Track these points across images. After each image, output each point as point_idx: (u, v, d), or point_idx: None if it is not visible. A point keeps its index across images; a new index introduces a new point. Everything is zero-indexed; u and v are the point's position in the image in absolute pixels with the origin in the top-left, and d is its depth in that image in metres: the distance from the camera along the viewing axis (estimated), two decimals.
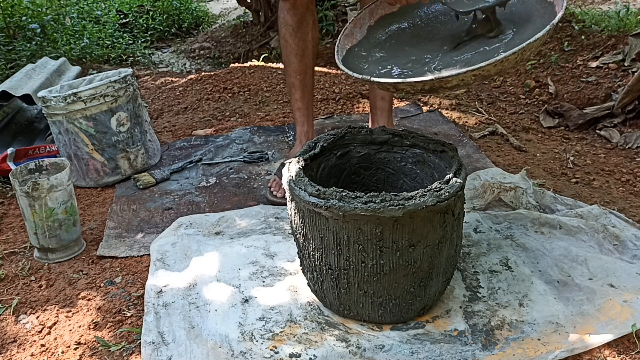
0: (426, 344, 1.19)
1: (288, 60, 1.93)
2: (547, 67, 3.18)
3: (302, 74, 1.92)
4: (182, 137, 2.42)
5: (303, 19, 1.85)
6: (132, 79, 2.06)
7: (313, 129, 2.02)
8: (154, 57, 4.44)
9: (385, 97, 1.94)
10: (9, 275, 1.53)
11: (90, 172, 2.00)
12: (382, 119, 1.95)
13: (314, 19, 1.90)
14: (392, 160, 1.48)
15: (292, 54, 1.90)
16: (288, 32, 1.87)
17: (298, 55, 1.90)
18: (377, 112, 1.97)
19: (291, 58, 1.91)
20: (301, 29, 1.87)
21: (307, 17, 1.86)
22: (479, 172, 1.83)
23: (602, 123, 2.56)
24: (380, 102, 1.95)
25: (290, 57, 1.91)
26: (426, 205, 1.11)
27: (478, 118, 2.48)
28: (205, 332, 1.24)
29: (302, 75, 1.93)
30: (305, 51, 1.90)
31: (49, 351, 1.26)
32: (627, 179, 2.06)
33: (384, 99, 1.94)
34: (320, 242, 1.20)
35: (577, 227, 1.55)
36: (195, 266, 1.48)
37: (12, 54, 3.49)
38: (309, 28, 1.88)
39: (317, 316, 1.29)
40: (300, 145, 1.99)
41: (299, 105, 1.97)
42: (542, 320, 1.24)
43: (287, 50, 1.91)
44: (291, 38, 1.88)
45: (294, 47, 1.89)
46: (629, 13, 3.51)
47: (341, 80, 2.94)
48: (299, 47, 1.88)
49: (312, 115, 2.01)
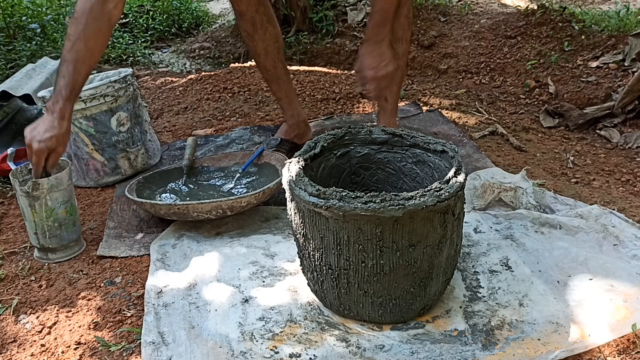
0: (426, 344, 1.19)
1: (255, 60, 2.11)
2: (547, 67, 3.18)
3: (272, 68, 2.07)
4: (182, 137, 2.42)
5: (254, 22, 1.96)
6: (132, 79, 2.06)
7: (299, 110, 2.17)
8: (154, 57, 4.43)
9: (388, 97, 1.99)
10: (9, 275, 1.53)
11: (90, 172, 2.00)
12: (384, 118, 2.02)
13: (268, 17, 1.99)
14: (392, 160, 1.48)
15: (255, 55, 2.06)
16: (246, 37, 2.03)
17: (261, 55, 2.04)
18: (380, 111, 2.05)
19: (256, 58, 2.08)
20: (256, 32, 1.98)
21: (258, 19, 1.96)
22: (479, 172, 1.83)
23: (602, 123, 2.56)
24: (383, 102, 2.01)
25: (255, 58, 2.09)
26: (426, 205, 1.11)
27: (478, 118, 2.48)
28: (205, 332, 1.24)
29: (272, 69, 2.07)
30: (267, 49, 2.02)
31: (49, 351, 1.26)
32: (627, 179, 2.06)
33: (386, 99, 1.99)
34: (320, 242, 1.20)
35: (577, 227, 1.55)
36: (195, 266, 1.48)
37: (12, 54, 3.49)
38: (264, 28, 1.98)
39: (317, 316, 1.29)
40: (287, 124, 2.16)
41: (278, 95, 2.15)
42: (542, 320, 1.24)
43: (251, 53, 2.09)
44: (250, 42, 2.02)
45: (255, 49, 2.03)
46: (629, 13, 3.51)
47: (341, 80, 2.94)
48: (259, 48, 2.02)
49: (295, 100, 2.17)
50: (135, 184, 1.83)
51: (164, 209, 1.63)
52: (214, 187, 1.91)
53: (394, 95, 2.01)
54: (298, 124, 2.16)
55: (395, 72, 1.68)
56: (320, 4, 4.24)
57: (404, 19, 1.89)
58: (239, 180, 1.90)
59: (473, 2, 4.31)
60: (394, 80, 1.78)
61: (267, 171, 1.90)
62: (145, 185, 1.87)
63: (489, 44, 3.59)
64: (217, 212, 1.61)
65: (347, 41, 3.97)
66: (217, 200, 1.59)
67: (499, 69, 3.35)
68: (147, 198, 1.79)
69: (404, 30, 1.91)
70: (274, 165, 1.90)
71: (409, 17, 1.91)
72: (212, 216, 1.61)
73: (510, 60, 3.37)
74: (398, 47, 1.90)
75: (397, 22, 1.85)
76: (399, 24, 1.87)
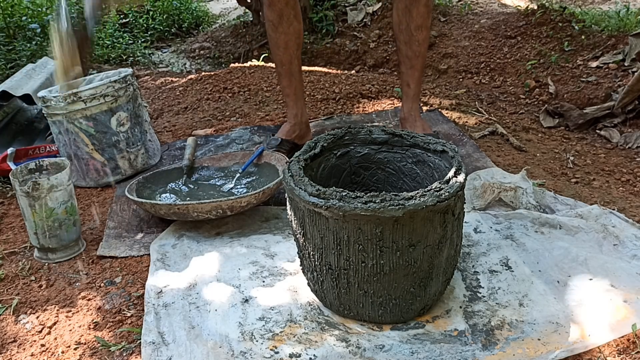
0: (426, 344, 1.19)
1: (273, 52, 2.09)
2: (547, 67, 3.18)
3: (288, 64, 2.07)
4: (182, 137, 2.42)
5: (282, 14, 1.96)
6: (132, 79, 2.06)
7: (303, 111, 2.17)
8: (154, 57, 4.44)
9: (410, 84, 2.08)
10: (9, 275, 1.53)
11: (90, 172, 2.00)
12: (407, 103, 2.12)
13: (295, 13, 1.99)
14: (392, 160, 1.48)
15: (275, 46, 2.04)
16: (270, 27, 2.01)
17: (281, 47, 2.03)
18: (403, 97, 2.15)
19: (275, 50, 2.06)
20: (282, 24, 1.98)
21: (286, 12, 1.96)
22: (479, 172, 1.83)
23: (602, 123, 2.56)
24: (405, 88, 2.11)
25: (274, 50, 2.07)
26: (426, 205, 1.11)
27: (478, 118, 2.48)
28: (205, 332, 1.24)
29: (288, 65, 2.07)
30: (288, 43, 2.02)
31: (49, 351, 1.26)
32: (627, 179, 2.06)
33: (409, 85, 2.09)
34: (320, 242, 1.20)
35: (577, 227, 1.54)
36: (195, 266, 1.48)
37: (12, 54, 3.49)
38: (289, 22, 1.98)
39: (317, 316, 1.29)
40: (289, 124, 2.17)
41: (287, 92, 2.14)
42: (542, 320, 1.24)
43: (271, 43, 2.06)
44: (273, 32, 2.01)
45: (276, 40, 2.02)
46: (629, 13, 3.51)
47: (341, 80, 2.94)
48: (281, 40, 2.01)
49: (302, 99, 2.17)
50: (135, 184, 1.83)
51: (164, 209, 1.63)
52: (214, 187, 1.91)
53: (416, 80, 2.08)
54: (300, 125, 2.16)
55: None
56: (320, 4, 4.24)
57: (423, 7, 1.93)
58: (239, 180, 1.90)
59: (473, 2, 4.31)
60: None
61: (267, 171, 1.90)
62: (145, 185, 1.87)
63: (489, 44, 3.60)
64: (217, 212, 1.61)
65: (347, 41, 3.97)
66: (217, 200, 1.59)
67: (499, 69, 3.35)
68: (147, 198, 1.79)
69: (424, 18, 1.95)
70: (274, 165, 1.90)
71: (428, 6, 1.95)
72: (212, 216, 1.61)
73: (510, 60, 3.37)
74: (418, 35, 1.97)
75: (416, 9, 1.92)
76: (419, 12, 1.93)
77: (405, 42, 2.00)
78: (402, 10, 1.95)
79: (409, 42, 1.99)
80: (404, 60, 2.04)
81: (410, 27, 1.96)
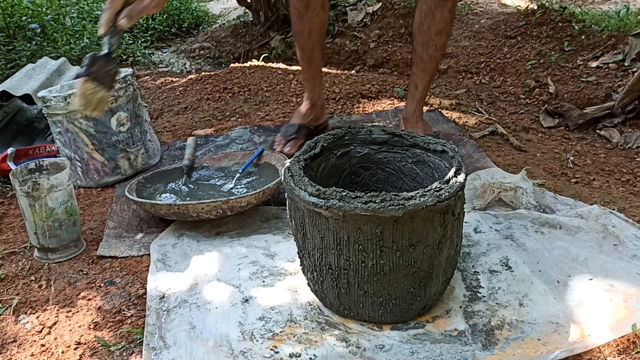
0: (426, 344, 1.19)
1: (296, 38, 2.10)
2: (547, 67, 3.18)
3: (309, 50, 2.09)
4: (182, 137, 2.42)
5: (309, 3, 1.96)
6: (132, 79, 2.06)
7: (320, 94, 2.21)
8: (154, 57, 4.43)
9: (419, 86, 2.08)
10: (9, 275, 1.53)
11: (90, 172, 2.00)
12: (412, 103, 2.12)
13: (323, 3, 1.99)
14: (392, 160, 1.48)
15: (299, 34, 2.06)
16: (295, 14, 2.01)
17: (304, 36, 2.04)
18: (409, 97, 2.15)
19: (298, 37, 2.07)
20: (307, 13, 1.97)
21: (313, 2, 1.96)
22: (479, 172, 1.83)
23: (602, 123, 2.56)
24: (413, 90, 2.11)
25: (297, 36, 2.08)
26: (426, 205, 1.11)
27: (478, 118, 2.48)
28: (206, 332, 1.24)
29: (309, 52, 2.09)
30: (312, 32, 2.03)
31: (49, 351, 1.26)
32: (627, 179, 2.06)
33: (417, 87, 2.09)
34: (320, 242, 1.20)
35: (577, 227, 1.55)
36: (195, 266, 1.48)
37: (12, 54, 3.49)
38: (315, 12, 1.98)
39: (317, 316, 1.29)
40: (305, 106, 2.21)
41: (306, 76, 2.18)
42: (542, 320, 1.24)
43: (295, 30, 2.08)
44: (298, 20, 2.01)
45: (300, 28, 2.03)
46: (629, 13, 3.51)
47: (341, 80, 2.94)
48: (305, 29, 2.02)
49: (320, 83, 2.20)
50: (135, 184, 1.83)
51: (164, 209, 1.63)
52: (214, 187, 1.91)
53: (425, 84, 2.07)
54: (315, 107, 2.19)
55: None
56: None
57: (448, 13, 1.91)
58: (239, 180, 1.90)
59: (473, 2, 4.31)
60: None
61: (267, 171, 1.90)
62: (145, 185, 1.87)
63: (489, 44, 3.60)
64: (217, 212, 1.61)
65: (347, 41, 3.97)
66: (217, 200, 1.59)
67: (499, 69, 3.35)
68: (147, 198, 1.79)
69: (446, 24, 1.93)
70: (274, 165, 1.90)
71: (452, 12, 1.92)
72: (212, 216, 1.61)
73: (510, 60, 3.37)
74: (438, 40, 1.95)
75: (440, 14, 1.90)
76: (442, 17, 1.90)
77: (423, 45, 1.97)
78: (425, 12, 1.92)
79: (426, 45, 1.96)
80: (418, 62, 2.02)
81: (430, 31, 1.93)
